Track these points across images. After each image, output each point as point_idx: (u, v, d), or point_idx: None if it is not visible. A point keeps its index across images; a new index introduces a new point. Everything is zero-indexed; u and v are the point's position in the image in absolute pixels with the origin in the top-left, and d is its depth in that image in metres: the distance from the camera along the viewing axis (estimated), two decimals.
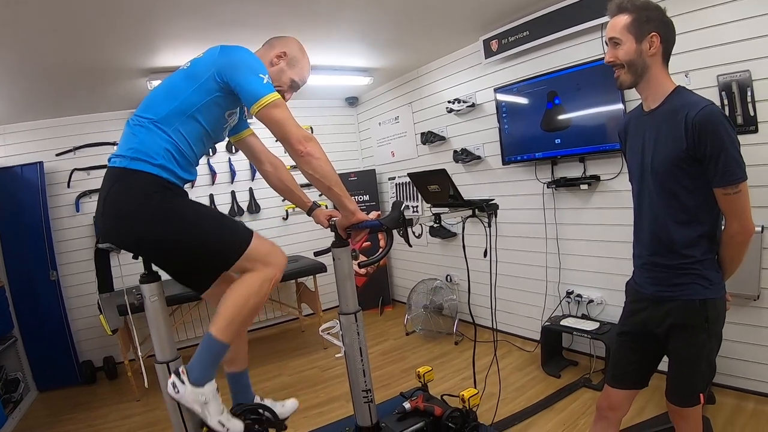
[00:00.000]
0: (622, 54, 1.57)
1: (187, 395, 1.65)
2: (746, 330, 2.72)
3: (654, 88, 1.60)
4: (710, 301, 1.55)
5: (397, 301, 5.98)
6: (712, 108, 1.45)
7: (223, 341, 1.68)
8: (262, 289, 1.73)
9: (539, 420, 2.91)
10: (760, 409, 2.67)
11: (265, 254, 1.75)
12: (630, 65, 1.57)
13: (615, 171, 3.25)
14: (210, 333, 1.68)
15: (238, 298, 1.70)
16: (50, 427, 3.53)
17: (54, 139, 4.48)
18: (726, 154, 1.43)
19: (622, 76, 1.61)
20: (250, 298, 1.70)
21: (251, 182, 5.33)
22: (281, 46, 1.89)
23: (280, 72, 1.86)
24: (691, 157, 1.48)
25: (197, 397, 1.66)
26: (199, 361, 1.70)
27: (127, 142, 1.66)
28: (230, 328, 1.69)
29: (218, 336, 1.67)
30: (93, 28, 2.72)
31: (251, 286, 1.71)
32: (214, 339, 1.67)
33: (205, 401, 1.67)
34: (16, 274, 4.13)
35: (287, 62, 1.87)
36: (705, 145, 1.44)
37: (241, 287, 1.71)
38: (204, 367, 1.69)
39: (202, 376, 1.68)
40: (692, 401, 1.62)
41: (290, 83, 1.90)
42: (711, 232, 1.57)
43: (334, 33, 3.51)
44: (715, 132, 1.42)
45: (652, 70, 1.57)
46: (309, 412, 3.33)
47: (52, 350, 4.23)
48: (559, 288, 3.77)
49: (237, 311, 1.69)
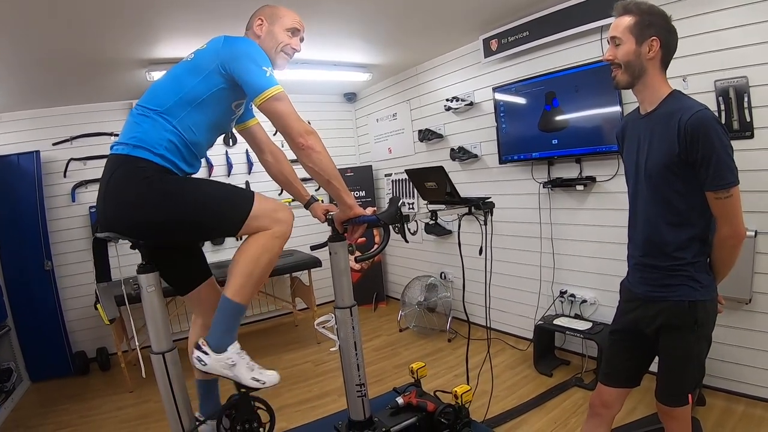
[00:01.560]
0: (621, 54, 1.58)
1: (213, 364, 1.67)
2: (738, 333, 2.74)
3: (650, 92, 1.61)
4: (700, 302, 1.57)
5: (391, 298, 6.00)
6: (705, 113, 1.47)
7: (239, 303, 1.69)
8: (274, 245, 1.72)
9: (531, 418, 2.94)
10: (749, 411, 2.69)
11: (272, 210, 1.73)
12: (627, 66, 1.59)
13: (611, 173, 3.27)
14: (225, 296, 1.68)
15: (249, 257, 1.69)
16: (43, 417, 3.52)
17: (51, 129, 4.45)
18: (717, 158, 1.44)
19: (618, 76, 1.63)
20: (262, 256, 1.69)
21: (248, 175, 5.32)
22: (253, 18, 1.88)
23: (269, 34, 1.84)
24: (683, 160, 1.50)
25: (224, 363, 1.68)
26: (217, 327, 1.71)
27: (130, 130, 1.67)
28: (245, 289, 1.69)
29: (234, 298, 1.68)
30: (92, 17, 2.70)
31: (262, 243, 1.70)
32: (230, 301, 1.68)
33: (232, 363, 1.69)
34: (11, 263, 4.11)
35: (268, 22, 1.85)
36: (696, 149, 1.46)
37: (252, 246, 1.70)
38: (223, 331, 1.70)
39: (223, 341, 1.70)
40: (681, 401, 1.64)
41: (287, 34, 1.86)
42: (702, 235, 1.59)
43: (333, 28, 3.50)
44: (707, 136, 1.44)
45: (649, 74, 1.58)
46: (302, 406, 3.35)
47: (46, 340, 4.21)
48: (553, 287, 3.79)
49: (250, 270, 1.68)
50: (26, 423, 3.46)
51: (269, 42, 1.83)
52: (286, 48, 1.86)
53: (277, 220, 1.73)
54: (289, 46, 1.87)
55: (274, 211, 1.74)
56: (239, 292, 1.68)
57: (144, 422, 3.31)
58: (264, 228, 1.71)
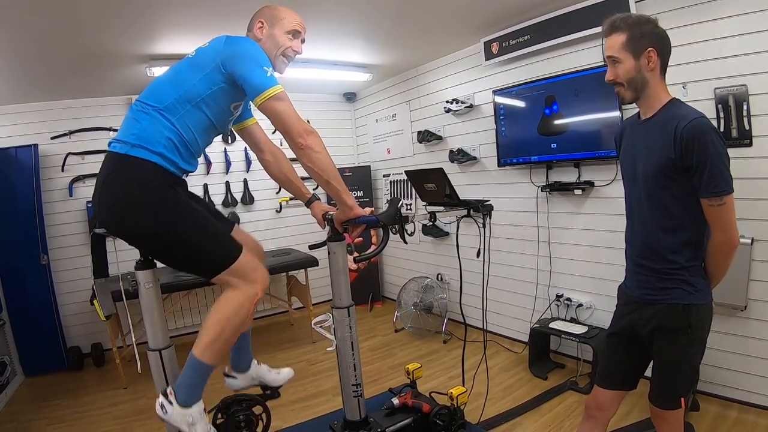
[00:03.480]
0: (621, 72, 1.59)
1: (174, 416, 1.67)
2: (733, 340, 2.76)
3: (651, 100, 1.63)
4: (694, 306, 1.58)
5: (387, 298, 6.00)
6: (702, 120, 1.48)
7: (207, 363, 1.67)
8: (244, 309, 1.71)
9: (525, 420, 2.94)
10: (742, 417, 2.71)
11: (251, 269, 1.74)
12: (630, 82, 1.60)
13: (609, 177, 3.28)
14: (193, 354, 1.67)
15: (219, 319, 1.68)
16: (36, 412, 3.51)
17: (49, 122, 4.44)
18: (712, 166, 1.46)
19: (622, 93, 1.64)
20: (234, 318, 1.69)
21: (246, 173, 5.31)
22: (254, 21, 1.87)
23: (270, 37, 1.83)
24: (679, 166, 1.51)
25: (185, 418, 1.68)
26: (185, 383, 1.70)
27: (129, 127, 1.66)
28: (212, 349, 1.68)
29: (201, 358, 1.67)
30: (92, 10, 2.69)
31: (233, 306, 1.70)
32: (198, 361, 1.67)
33: (192, 422, 1.68)
34: (7, 256, 4.10)
35: (268, 25, 1.84)
36: (691, 156, 1.47)
37: (223, 307, 1.70)
38: (190, 388, 1.70)
39: (189, 397, 1.69)
40: (673, 404, 1.65)
41: (287, 36, 1.85)
42: (697, 240, 1.60)
43: (334, 28, 3.50)
44: (702, 144, 1.46)
45: (651, 84, 1.60)
46: (296, 405, 3.34)
47: (40, 335, 4.21)
48: (549, 291, 3.80)
49: (219, 332, 1.68)
50: (19, 417, 3.45)
51: (270, 45, 1.81)
52: (287, 51, 1.85)
53: (253, 280, 1.73)
54: (290, 49, 1.86)
55: (253, 271, 1.75)
56: (207, 351, 1.67)
57: (138, 418, 3.30)
58: (235, 285, 1.71)
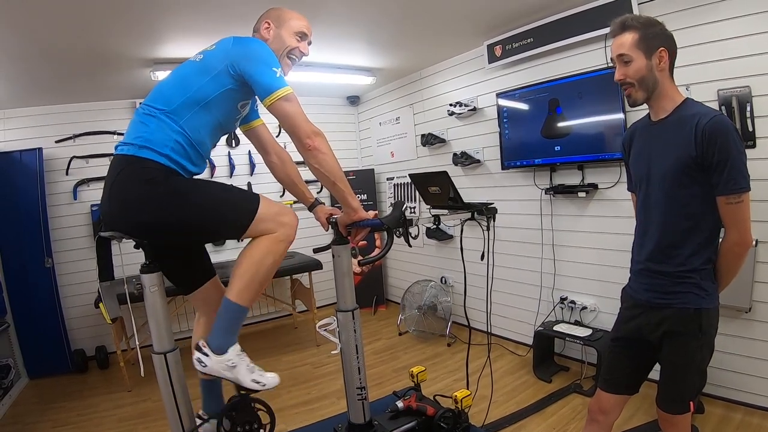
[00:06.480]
0: (632, 71, 1.59)
1: (213, 365, 1.68)
2: (737, 342, 2.75)
3: (664, 100, 1.62)
4: (704, 310, 1.58)
5: (391, 301, 5.99)
6: (723, 117, 1.49)
7: (241, 305, 1.69)
8: (278, 249, 1.72)
9: (529, 423, 2.93)
10: (747, 420, 2.70)
11: (276, 213, 1.74)
12: (641, 82, 1.59)
13: (613, 180, 3.27)
14: (227, 298, 1.69)
15: (253, 259, 1.69)
16: (40, 414, 3.52)
17: (54, 126, 4.46)
18: (732, 163, 1.47)
19: (633, 93, 1.63)
20: (265, 258, 1.70)
21: (250, 177, 5.32)
22: (260, 21, 1.89)
23: (277, 37, 1.84)
24: (699, 164, 1.51)
25: (224, 365, 1.68)
26: (219, 329, 1.71)
27: (136, 130, 1.66)
28: (248, 291, 1.69)
29: (236, 300, 1.68)
30: (98, 13, 2.70)
31: (266, 246, 1.71)
32: (233, 303, 1.68)
33: (233, 365, 1.69)
34: (11, 259, 4.11)
35: (275, 25, 1.85)
36: (713, 153, 1.47)
37: (256, 248, 1.71)
38: (224, 333, 1.71)
39: (223, 342, 1.70)
40: (682, 408, 1.64)
41: (295, 37, 1.87)
42: (712, 242, 1.60)
43: (338, 31, 3.51)
44: (725, 141, 1.46)
45: (662, 84, 1.59)
46: (300, 408, 3.34)
47: (45, 337, 4.22)
48: (553, 294, 3.79)
49: (253, 273, 1.69)
50: (24, 420, 3.46)
51: (276, 45, 1.82)
52: (293, 51, 1.87)
53: (281, 223, 1.73)
54: (297, 50, 1.87)
55: (279, 215, 1.74)
56: (242, 295, 1.69)
57: (143, 421, 3.30)
58: (268, 231, 1.71)
